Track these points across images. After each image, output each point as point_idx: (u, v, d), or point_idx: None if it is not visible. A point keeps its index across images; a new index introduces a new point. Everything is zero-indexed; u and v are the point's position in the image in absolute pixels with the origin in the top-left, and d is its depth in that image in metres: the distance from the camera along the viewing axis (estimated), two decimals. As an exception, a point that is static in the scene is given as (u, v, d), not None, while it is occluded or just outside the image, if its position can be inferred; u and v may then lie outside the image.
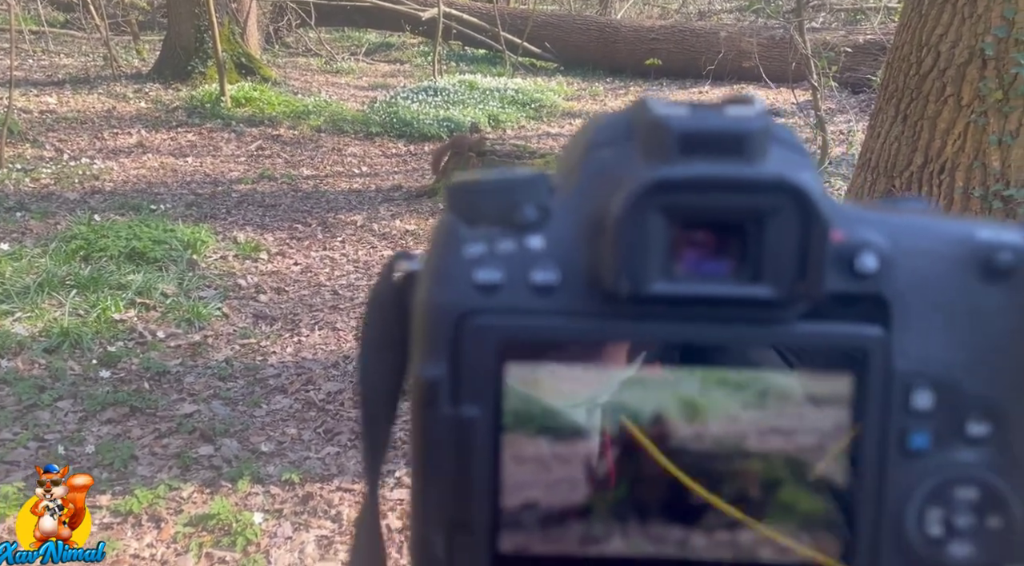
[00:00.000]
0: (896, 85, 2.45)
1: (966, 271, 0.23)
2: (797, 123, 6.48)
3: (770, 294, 0.22)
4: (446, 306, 0.23)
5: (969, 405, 0.23)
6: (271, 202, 5.07)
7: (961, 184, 2.26)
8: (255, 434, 2.61)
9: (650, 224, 0.21)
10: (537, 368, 0.23)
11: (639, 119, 0.23)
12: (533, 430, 0.23)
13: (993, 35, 2.16)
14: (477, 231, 0.23)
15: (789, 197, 0.21)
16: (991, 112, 2.19)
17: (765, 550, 0.22)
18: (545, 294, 0.22)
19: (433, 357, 0.23)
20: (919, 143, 2.36)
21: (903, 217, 0.24)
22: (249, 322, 3.37)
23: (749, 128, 0.21)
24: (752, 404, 0.22)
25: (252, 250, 4.11)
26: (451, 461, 0.23)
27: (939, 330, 0.23)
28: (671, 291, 0.22)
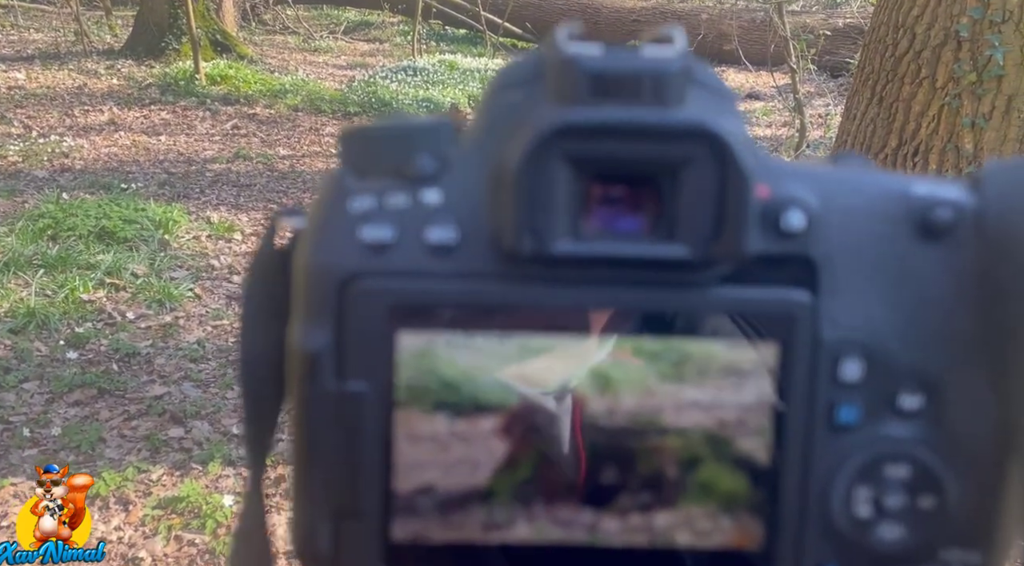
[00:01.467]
0: (872, 67, 2.45)
1: (901, 230, 0.21)
2: (776, 106, 6.49)
3: (685, 254, 0.20)
4: (329, 267, 0.20)
5: (902, 376, 0.21)
6: (246, 182, 5.00)
7: (935, 166, 2.27)
8: (227, 416, 2.58)
9: (555, 174, 0.19)
10: (433, 337, 0.20)
11: (549, 57, 0.20)
12: (429, 406, 0.21)
13: (968, 16, 2.16)
14: (367, 183, 0.21)
15: (706, 145, 0.19)
16: (965, 94, 2.19)
17: (682, 534, 0.21)
18: (442, 254, 0.20)
19: (315, 326, 0.21)
20: (894, 125, 2.36)
21: (835, 172, 0.22)
22: (222, 303, 3.33)
23: (666, 69, 0.19)
24: (669, 375, 0.20)
25: (226, 230, 4.05)
26: (337, 441, 0.21)
27: (871, 294, 0.21)
28: (578, 251, 0.20)
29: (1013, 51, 2.10)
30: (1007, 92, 2.12)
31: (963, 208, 0.21)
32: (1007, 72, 2.11)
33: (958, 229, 0.21)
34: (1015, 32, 2.09)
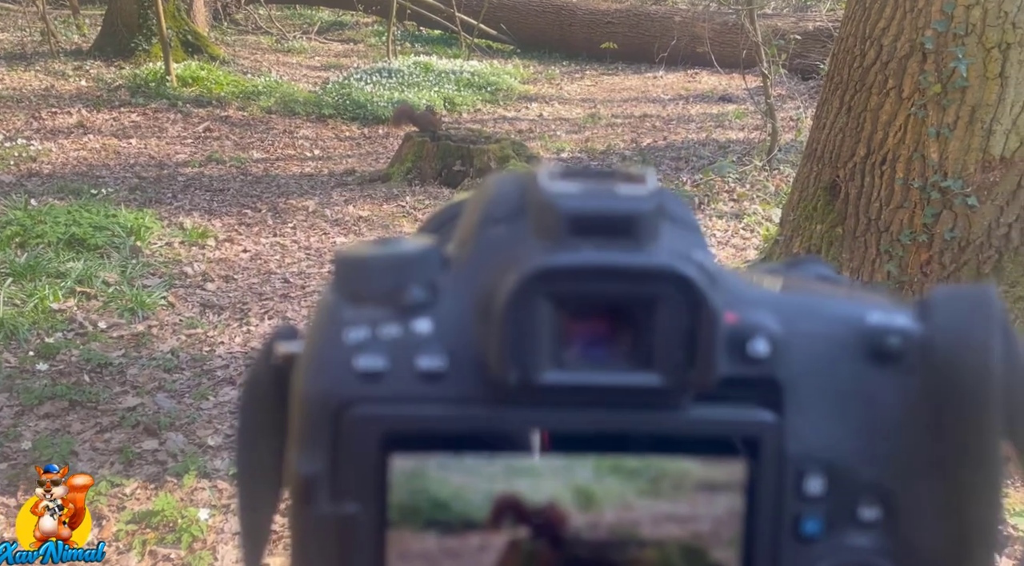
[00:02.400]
0: (841, 77, 2.49)
1: (856, 355, 0.22)
2: (748, 109, 6.57)
3: (660, 382, 0.21)
4: (324, 395, 0.21)
5: (860, 490, 0.22)
6: (219, 186, 4.95)
7: (902, 175, 2.32)
8: (202, 427, 2.56)
9: (538, 311, 0.21)
10: (424, 459, 0.22)
11: (531, 196, 0.22)
12: (420, 524, 0.22)
13: (933, 29, 2.21)
14: (361, 312, 0.22)
15: (676, 285, 0.20)
16: (930, 105, 2.24)
17: None
18: (432, 381, 0.21)
19: (311, 450, 0.22)
20: (862, 134, 2.41)
21: (796, 296, 0.23)
22: (196, 311, 3.29)
23: (639, 209, 0.21)
24: (646, 491, 0.22)
25: (199, 236, 4.01)
26: (332, 560, 0.22)
27: (831, 414, 0.22)
28: (561, 380, 0.21)
29: (976, 63, 2.16)
30: (970, 103, 2.18)
31: (912, 336, 0.22)
32: (970, 83, 2.17)
33: (907, 355, 0.22)
34: (978, 45, 2.15)
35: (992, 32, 2.12)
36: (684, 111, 6.98)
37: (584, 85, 8.26)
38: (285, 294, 3.47)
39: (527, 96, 7.65)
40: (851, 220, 2.45)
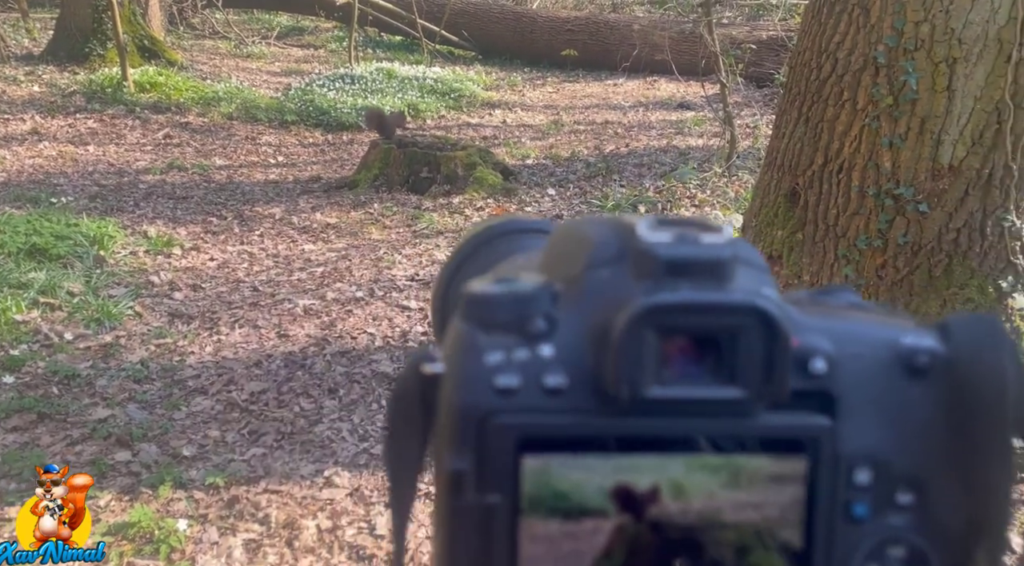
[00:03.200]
0: (799, 88, 2.60)
1: (893, 371, 0.28)
2: (706, 116, 6.73)
3: (742, 395, 0.26)
4: (470, 408, 0.26)
5: (898, 479, 0.28)
6: (182, 194, 4.89)
7: (857, 183, 2.42)
8: (175, 438, 2.55)
9: (645, 339, 0.26)
10: (550, 459, 0.26)
11: (630, 244, 0.27)
12: (546, 513, 0.27)
13: (884, 44, 2.33)
14: (494, 340, 0.27)
15: (755, 317, 0.26)
16: (883, 116, 2.35)
17: None
18: (555, 396, 0.26)
19: (459, 452, 0.26)
20: (819, 144, 2.51)
21: (844, 323, 0.29)
22: (164, 321, 3.26)
23: (722, 255, 0.26)
24: (728, 484, 0.27)
25: (164, 245, 3.96)
26: (475, 543, 0.27)
27: (873, 419, 0.28)
28: (662, 394, 0.26)
29: (925, 77, 2.27)
30: (920, 114, 2.29)
31: (937, 354, 0.28)
32: (920, 96, 2.28)
33: (934, 370, 0.28)
34: (926, 59, 2.26)
35: (939, 48, 2.24)
36: (644, 118, 7.12)
37: (546, 92, 8.35)
38: (255, 302, 3.46)
39: (490, 102, 7.71)
40: (810, 226, 2.55)
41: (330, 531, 2.17)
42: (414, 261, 3.92)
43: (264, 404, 2.74)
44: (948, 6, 2.22)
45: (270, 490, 2.32)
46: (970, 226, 2.30)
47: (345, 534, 2.15)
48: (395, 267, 3.84)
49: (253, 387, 2.83)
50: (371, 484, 2.36)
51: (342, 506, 2.26)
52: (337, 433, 2.59)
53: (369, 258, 3.95)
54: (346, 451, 2.50)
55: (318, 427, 2.62)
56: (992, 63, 2.20)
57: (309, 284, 3.65)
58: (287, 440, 2.55)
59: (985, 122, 2.24)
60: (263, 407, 2.72)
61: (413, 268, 3.84)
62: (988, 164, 2.26)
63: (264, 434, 2.58)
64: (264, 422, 2.64)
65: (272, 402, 2.74)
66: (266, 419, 2.66)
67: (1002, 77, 2.19)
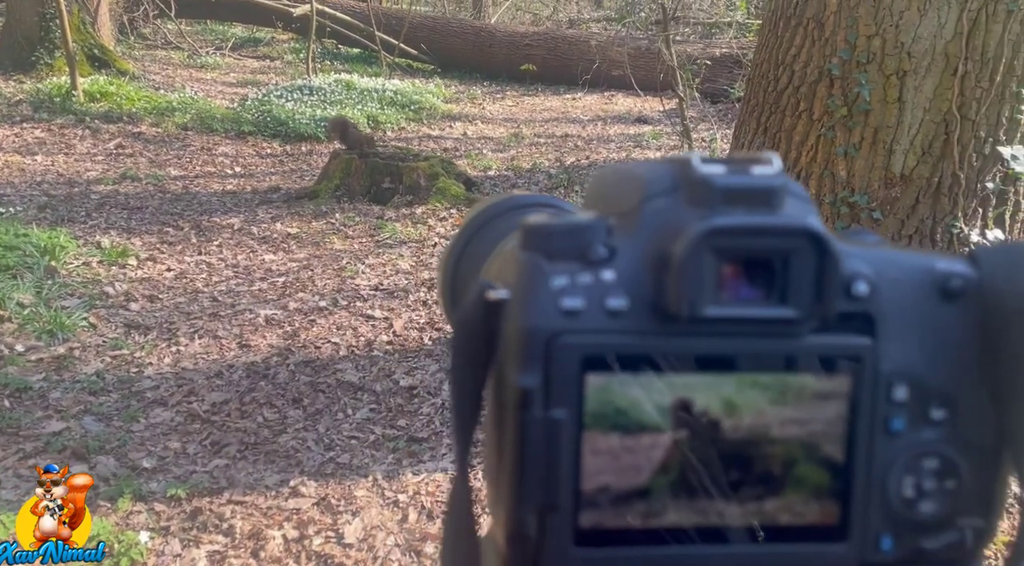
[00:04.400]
0: (757, 100, 2.68)
1: (929, 293, 0.30)
2: (664, 130, 6.86)
3: (794, 314, 0.28)
4: (539, 328, 0.27)
5: (932, 395, 0.30)
6: (136, 204, 4.78)
7: (814, 191, 2.50)
8: (134, 450, 2.48)
9: (704, 261, 0.27)
10: (611, 377, 0.28)
11: (684, 176, 0.29)
12: (607, 427, 0.28)
13: (838, 57, 2.42)
14: (558, 266, 0.28)
15: (808, 239, 0.28)
16: (838, 126, 2.44)
17: (784, 515, 0.29)
18: (617, 317, 0.28)
19: (528, 370, 0.27)
20: (778, 153, 2.59)
21: (882, 251, 0.31)
22: (120, 332, 3.17)
23: (772, 184, 0.28)
24: (776, 400, 0.28)
25: (119, 256, 3.86)
26: (543, 455, 0.27)
27: (910, 339, 0.30)
28: (719, 313, 0.28)
29: (877, 89, 2.37)
30: (873, 125, 2.39)
31: (969, 278, 0.30)
32: (873, 107, 2.38)
33: (966, 293, 0.30)
34: (878, 72, 2.36)
35: (890, 61, 2.34)
36: (603, 132, 7.22)
37: (506, 105, 8.41)
38: (214, 313, 3.39)
39: (451, 115, 7.73)
40: (770, 232, 2.63)
41: (297, 541, 2.13)
42: (377, 271, 3.89)
43: (226, 415, 2.68)
44: (898, 21, 2.32)
45: (234, 501, 2.27)
46: (921, 232, 2.40)
47: (312, 543, 2.12)
48: (358, 277, 3.81)
49: (214, 398, 2.77)
50: (338, 493, 2.32)
51: (309, 515, 2.22)
52: (302, 443, 2.55)
53: (331, 268, 3.91)
54: (312, 460, 2.46)
55: (282, 437, 2.58)
56: (940, 76, 2.30)
57: (270, 294, 3.60)
58: (251, 451, 2.50)
59: (934, 133, 2.34)
60: (225, 418, 2.66)
61: (377, 278, 3.81)
62: (937, 173, 2.36)
63: (227, 445, 2.52)
64: (226, 433, 2.58)
65: (234, 413, 2.69)
66: (228, 430, 2.60)
67: (949, 89, 2.30)
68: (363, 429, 2.64)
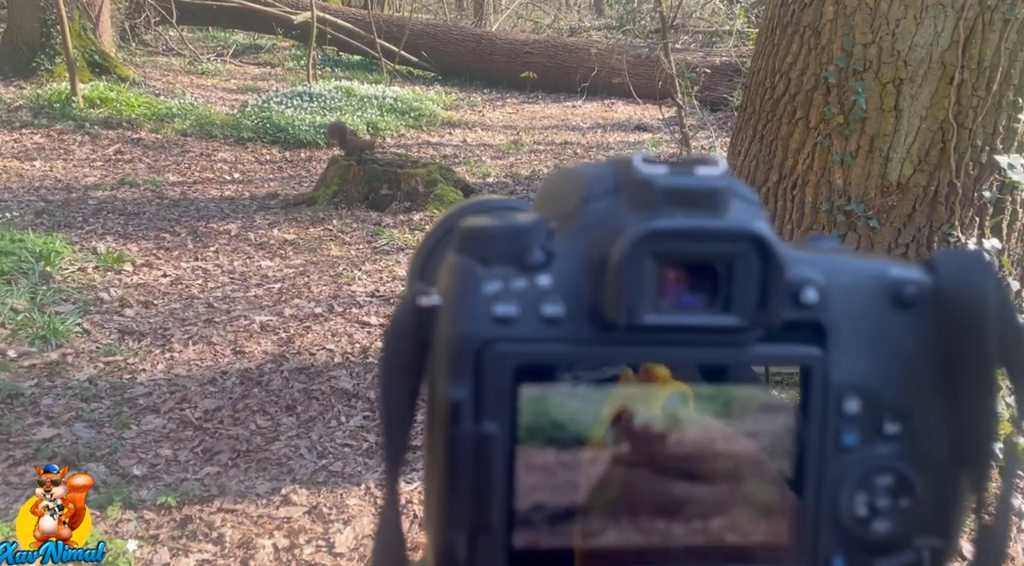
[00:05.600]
0: (753, 107, 2.67)
1: (882, 301, 0.28)
2: (664, 138, 6.86)
3: (737, 322, 0.26)
4: (469, 336, 0.26)
5: (885, 409, 0.28)
6: (134, 210, 4.77)
7: (810, 199, 2.49)
8: (125, 457, 2.46)
9: (643, 266, 0.26)
10: (547, 388, 0.26)
11: (626, 177, 0.27)
12: (543, 442, 0.26)
13: (835, 65, 2.41)
14: (492, 271, 0.27)
15: (753, 244, 0.26)
16: (834, 134, 2.43)
17: (731, 534, 0.27)
18: (553, 325, 0.26)
19: (457, 381, 0.26)
20: (774, 161, 2.58)
21: (834, 257, 0.29)
22: (114, 338, 3.16)
23: (717, 186, 0.26)
24: (721, 413, 0.27)
25: (115, 261, 3.85)
26: (473, 471, 0.26)
27: (863, 349, 0.28)
28: (659, 321, 0.26)
29: (873, 97, 2.36)
30: (870, 133, 2.38)
31: (924, 286, 0.29)
32: (869, 115, 2.37)
33: (921, 301, 0.28)
34: (874, 80, 2.35)
35: (887, 69, 2.33)
36: (603, 139, 7.22)
37: (506, 112, 8.42)
38: (209, 319, 3.38)
39: (450, 122, 7.73)
40: (767, 240, 2.62)
41: (287, 550, 2.11)
42: (374, 277, 3.88)
43: (219, 422, 2.66)
44: (894, 29, 2.31)
45: (224, 509, 2.25)
46: (918, 241, 2.38)
47: (303, 553, 2.10)
48: (355, 283, 3.80)
49: (207, 405, 2.75)
50: (330, 501, 2.30)
51: (300, 524, 2.20)
52: (295, 450, 2.53)
53: (328, 274, 3.90)
54: (304, 468, 2.44)
55: (275, 444, 2.56)
56: (936, 84, 2.29)
57: (266, 300, 3.58)
58: (242, 458, 2.48)
59: (930, 141, 2.33)
60: (217, 425, 2.65)
61: (373, 284, 3.80)
62: (934, 181, 2.35)
63: (218, 452, 2.50)
64: (218, 440, 2.57)
65: (227, 420, 2.67)
66: (221, 437, 2.58)
67: (945, 98, 2.29)
68: (356, 437, 2.62)
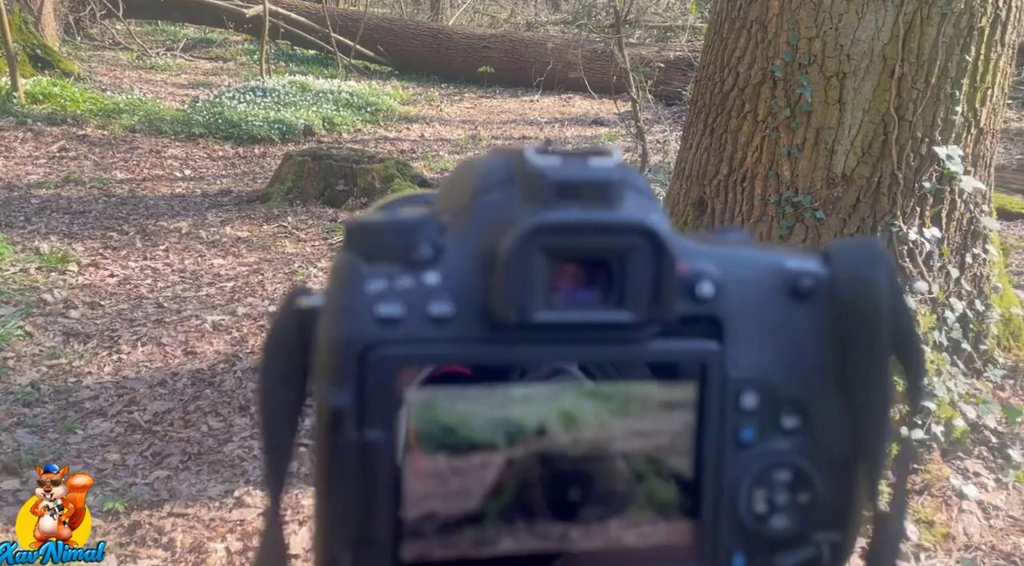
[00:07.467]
0: (704, 101, 2.70)
1: (779, 294, 0.28)
2: (620, 132, 6.90)
3: (631, 318, 0.26)
4: (350, 339, 0.25)
5: (783, 403, 0.28)
6: (79, 208, 4.63)
7: (760, 192, 2.53)
8: (70, 463, 2.38)
9: (533, 261, 0.25)
10: (436, 391, 0.25)
11: (519, 168, 0.26)
12: (432, 448, 0.25)
13: (781, 59, 2.45)
14: (377, 268, 0.25)
15: (645, 238, 0.25)
16: (781, 128, 2.47)
17: (630, 536, 0.27)
18: (441, 324, 0.25)
19: (339, 386, 0.25)
20: (724, 154, 2.61)
21: (731, 249, 0.29)
22: (58, 341, 3.07)
23: (610, 178, 0.25)
24: (618, 412, 0.26)
25: (59, 261, 3.74)
26: (356, 481, 0.25)
27: (760, 342, 0.28)
28: (551, 318, 0.25)
29: (818, 90, 2.41)
30: (815, 126, 2.42)
31: (820, 277, 0.28)
32: (814, 108, 2.41)
33: (817, 293, 0.28)
34: (819, 74, 2.40)
35: (830, 63, 2.38)
36: (561, 133, 7.24)
37: (464, 107, 8.38)
38: (159, 319, 3.30)
39: (408, 117, 7.67)
40: (718, 233, 2.65)
41: (240, 553, 2.07)
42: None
43: (168, 424, 2.60)
44: (837, 24, 2.36)
45: (175, 513, 2.20)
46: (862, 231, 2.44)
47: (257, 555, 2.06)
48: (310, 280, 3.74)
49: (157, 407, 2.69)
50: (285, 502, 2.27)
51: (253, 526, 2.16)
52: (248, 452, 2.49)
53: (283, 272, 3.83)
54: (258, 470, 2.40)
55: (227, 446, 2.51)
56: (878, 78, 2.35)
57: (218, 299, 3.51)
58: (194, 461, 2.43)
59: (873, 133, 2.39)
60: (167, 427, 2.59)
61: (328, 282, 3.76)
62: (877, 173, 2.40)
63: (168, 455, 2.45)
64: (169, 443, 2.51)
65: (177, 422, 2.61)
66: (171, 440, 2.52)
67: (887, 91, 2.34)
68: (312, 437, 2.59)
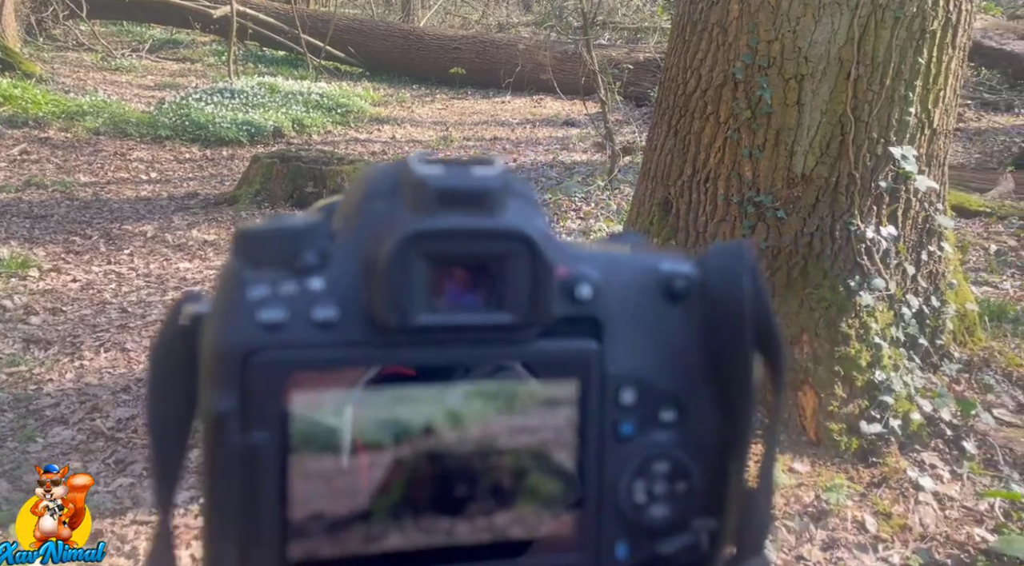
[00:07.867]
0: (668, 103, 2.73)
1: (655, 295, 0.30)
2: (589, 133, 6.94)
3: (511, 320, 0.27)
4: (232, 345, 0.25)
5: (660, 398, 0.29)
6: (41, 212, 4.55)
7: (723, 192, 2.57)
8: (30, 472, 2.34)
9: (413, 266, 0.26)
10: (320, 394, 0.26)
11: (403, 177, 0.27)
12: (318, 449, 0.26)
13: (741, 61, 2.49)
14: (261, 274, 0.26)
15: (522, 243, 0.26)
16: (743, 129, 2.51)
17: (516, 529, 0.28)
18: (326, 329, 0.26)
19: (222, 391, 0.25)
20: (688, 155, 2.64)
21: (611, 254, 0.30)
22: (18, 347, 3.01)
23: (491, 186, 0.26)
24: (503, 409, 0.27)
25: (19, 267, 3.67)
26: (241, 484, 0.26)
27: (637, 341, 0.29)
28: (433, 321, 0.26)
29: (777, 92, 2.45)
30: (775, 127, 2.46)
31: (693, 279, 0.30)
32: (774, 110, 2.45)
33: (690, 294, 0.30)
34: (778, 76, 2.44)
35: (789, 65, 2.42)
36: (532, 134, 7.26)
37: (435, 108, 8.37)
38: (123, 325, 3.26)
39: (379, 118, 7.64)
40: (682, 233, 2.68)
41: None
42: (297, 278, 3.81)
43: (132, 431, 2.57)
44: (795, 26, 2.40)
45: (138, 521, 2.17)
46: (822, 230, 2.48)
47: (222, 562, 2.05)
48: (277, 284, 3.72)
49: (120, 414, 2.65)
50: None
51: (219, 533, 2.15)
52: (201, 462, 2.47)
53: (249, 276, 3.80)
54: (223, 475, 2.38)
55: (193, 452, 2.48)
56: (835, 80, 2.39)
57: (184, 304, 3.47)
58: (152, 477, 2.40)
59: (831, 134, 2.43)
60: (131, 435, 2.55)
61: (296, 285, 3.73)
62: (835, 173, 2.45)
63: (132, 463, 2.42)
64: (132, 450, 2.48)
65: (141, 429, 2.58)
66: (134, 447, 2.49)
67: (844, 92, 2.39)
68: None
